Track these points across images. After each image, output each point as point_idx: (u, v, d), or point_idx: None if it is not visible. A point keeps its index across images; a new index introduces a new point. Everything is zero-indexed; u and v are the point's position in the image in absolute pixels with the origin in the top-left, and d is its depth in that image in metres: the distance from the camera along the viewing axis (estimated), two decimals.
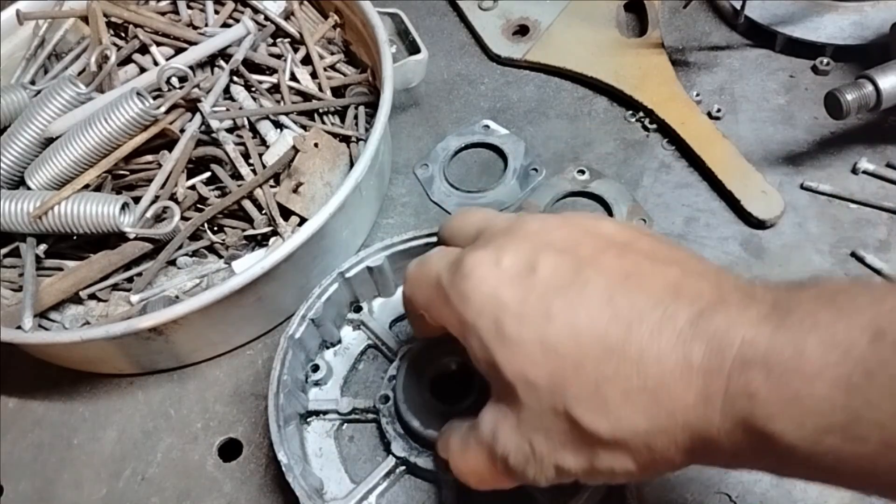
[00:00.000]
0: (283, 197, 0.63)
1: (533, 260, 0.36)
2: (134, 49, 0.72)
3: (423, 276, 0.41)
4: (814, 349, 0.28)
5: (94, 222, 0.61)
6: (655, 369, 0.32)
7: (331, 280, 0.57)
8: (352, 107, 0.72)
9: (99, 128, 0.62)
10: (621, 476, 0.35)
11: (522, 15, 0.85)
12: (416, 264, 0.43)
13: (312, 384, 0.58)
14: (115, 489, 0.58)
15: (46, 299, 0.62)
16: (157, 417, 0.62)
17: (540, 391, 0.34)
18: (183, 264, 0.65)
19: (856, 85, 0.62)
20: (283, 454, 0.50)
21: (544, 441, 0.35)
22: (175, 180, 0.64)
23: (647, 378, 0.32)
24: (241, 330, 0.63)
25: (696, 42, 0.81)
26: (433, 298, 0.40)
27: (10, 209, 0.62)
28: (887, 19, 0.71)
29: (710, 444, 0.31)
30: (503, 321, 0.35)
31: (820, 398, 0.28)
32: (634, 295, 0.33)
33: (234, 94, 0.70)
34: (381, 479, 0.52)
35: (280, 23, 0.74)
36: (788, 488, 0.52)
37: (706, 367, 0.31)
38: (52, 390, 0.64)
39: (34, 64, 0.77)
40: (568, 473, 0.36)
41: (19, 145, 0.66)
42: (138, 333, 0.55)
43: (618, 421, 0.32)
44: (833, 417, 0.28)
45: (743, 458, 0.32)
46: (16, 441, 0.62)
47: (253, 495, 0.56)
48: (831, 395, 0.28)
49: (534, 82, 0.80)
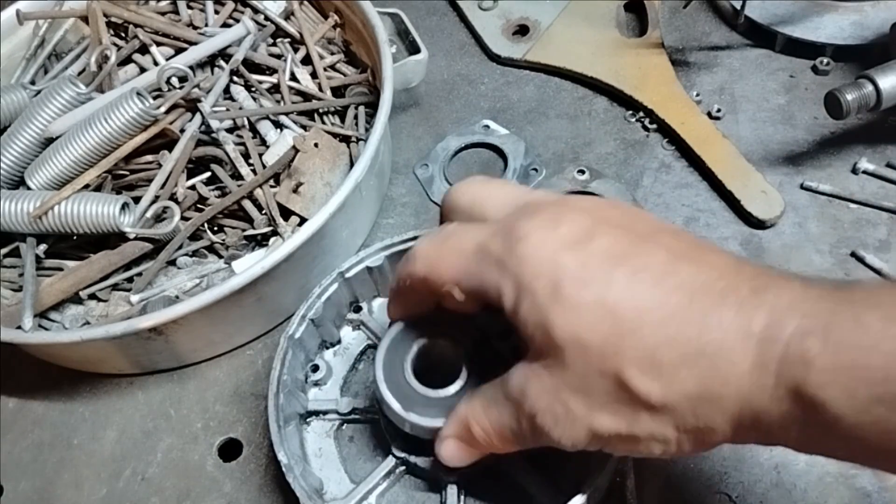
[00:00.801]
0: (283, 197, 0.63)
1: (591, 230, 0.36)
2: (134, 49, 0.72)
3: (454, 247, 0.40)
4: (873, 322, 0.29)
5: (94, 222, 0.61)
6: (716, 335, 0.32)
7: (331, 280, 0.57)
8: (352, 107, 0.72)
9: (99, 128, 0.62)
10: (656, 444, 0.34)
11: (522, 15, 0.85)
12: (438, 240, 0.42)
13: (312, 384, 0.58)
14: (115, 489, 0.58)
15: (46, 299, 0.62)
16: (157, 417, 0.62)
17: (590, 352, 0.34)
18: (183, 264, 0.65)
19: (856, 85, 0.62)
20: (283, 454, 0.50)
21: (582, 402, 0.35)
22: (175, 180, 0.64)
23: (706, 344, 0.32)
24: (241, 330, 0.63)
25: (696, 42, 0.81)
26: (472, 266, 0.39)
27: (10, 209, 0.62)
28: (887, 19, 0.71)
29: (757, 415, 0.32)
30: (562, 283, 0.34)
31: (875, 368, 0.28)
32: (697, 266, 0.34)
33: (234, 94, 0.70)
34: (381, 479, 0.52)
35: (280, 23, 0.74)
36: (788, 489, 0.52)
37: (766, 336, 0.31)
38: (52, 390, 0.64)
39: (34, 64, 0.77)
40: (600, 437, 0.35)
41: (19, 145, 0.66)
42: (138, 333, 0.55)
43: (670, 385, 0.32)
44: (885, 387, 0.28)
45: (786, 430, 0.32)
46: (16, 441, 0.62)
47: (253, 495, 0.56)
48: (887, 365, 0.28)
49: (534, 82, 0.80)
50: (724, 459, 0.53)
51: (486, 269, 0.38)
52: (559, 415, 0.35)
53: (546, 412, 0.36)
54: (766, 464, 0.53)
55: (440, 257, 0.41)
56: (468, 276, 0.39)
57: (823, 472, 0.52)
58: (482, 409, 0.41)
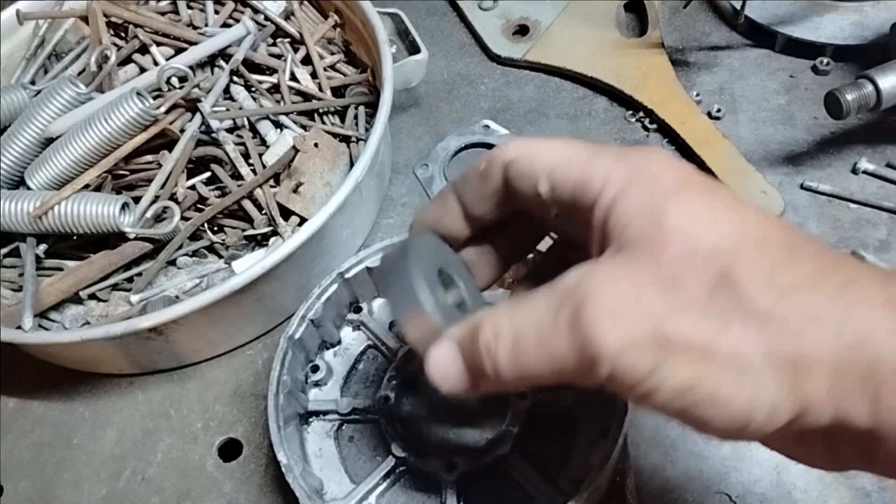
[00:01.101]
0: (283, 197, 0.63)
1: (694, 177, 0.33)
2: (134, 49, 0.72)
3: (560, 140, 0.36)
4: None
5: (94, 222, 0.61)
6: (847, 271, 0.29)
7: (330, 280, 0.57)
8: (352, 107, 0.72)
9: (99, 128, 0.62)
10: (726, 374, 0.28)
11: (522, 15, 0.85)
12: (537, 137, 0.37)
13: (312, 384, 0.58)
14: (115, 489, 0.58)
15: (46, 299, 0.62)
16: (157, 417, 0.62)
17: (701, 246, 0.29)
18: (183, 264, 0.65)
19: (856, 85, 0.62)
20: (283, 454, 0.50)
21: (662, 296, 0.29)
22: (175, 180, 0.64)
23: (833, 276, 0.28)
24: (241, 330, 0.63)
25: (696, 42, 0.81)
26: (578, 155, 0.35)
27: (10, 209, 0.62)
28: (887, 19, 0.71)
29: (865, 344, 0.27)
30: (691, 182, 0.32)
31: None
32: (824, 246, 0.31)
33: (234, 94, 0.70)
34: (381, 479, 0.52)
35: (280, 23, 0.74)
36: (788, 489, 0.52)
37: None
38: (52, 390, 0.64)
39: (34, 64, 0.77)
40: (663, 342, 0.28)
41: (19, 145, 0.66)
42: (138, 333, 0.55)
43: (781, 297, 0.28)
44: None
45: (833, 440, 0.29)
46: (16, 441, 0.62)
47: (253, 495, 0.56)
48: None
49: (534, 82, 0.80)
50: (724, 459, 0.53)
51: (595, 160, 0.34)
52: (620, 303, 0.29)
53: (603, 297, 0.29)
54: (766, 463, 0.53)
55: (541, 143, 0.36)
56: (569, 163, 0.34)
57: (823, 472, 0.52)
58: (506, 311, 0.32)
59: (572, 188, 0.34)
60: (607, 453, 0.47)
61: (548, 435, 0.53)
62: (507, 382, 0.32)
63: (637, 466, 0.53)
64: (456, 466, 0.50)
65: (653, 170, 0.32)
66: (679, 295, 0.29)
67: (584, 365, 0.29)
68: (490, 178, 0.38)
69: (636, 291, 0.29)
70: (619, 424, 0.48)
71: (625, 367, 0.29)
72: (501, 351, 0.32)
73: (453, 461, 0.51)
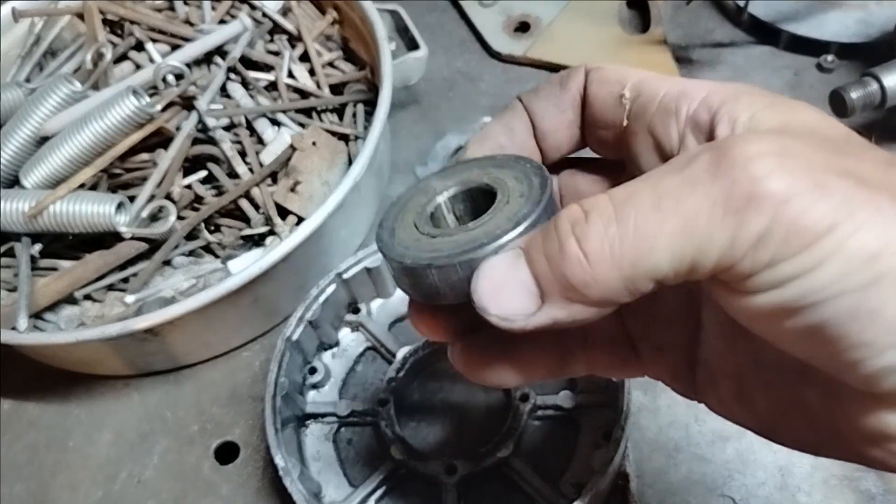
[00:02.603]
0: (280, 196, 0.62)
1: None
2: (130, 46, 0.71)
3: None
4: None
5: (90, 222, 0.60)
6: None
7: (329, 281, 0.57)
8: (350, 104, 0.71)
9: (94, 126, 0.62)
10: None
11: (523, 11, 0.84)
12: None
13: (310, 387, 0.57)
14: (110, 492, 0.58)
15: (41, 300, 0.61)
16: (152, 420, 0.61)
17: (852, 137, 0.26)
18: (179, 264, 0.64)
19: (860, 83, 0.61)
20: (281, 457, 0.49)
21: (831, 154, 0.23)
22: (171, 179, 0.64)
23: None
24: (238, 331, 0.63)
25: (699, 39, 0.80)
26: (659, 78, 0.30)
27: (4, 209, 0.61)
28: (892, 17, 0.70)
29: None
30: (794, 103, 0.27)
31: None
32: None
33: (230, 92, 0.69)
34: (380, 482, 0.51)
35: (278, 19, 0.74)
36: (793, 492, 0.51)
37: None
38: (48, 392, 0.64)
39: (30, 62, 0.77)
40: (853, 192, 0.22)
41: (14, 144, 0.66)
42: (134, 334, 0.55)
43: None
44: None
45: None
46: (11, 443, 0.62)
47: (250, 499, 0.56)
48: None
49: (535, 79, 0.79)
50: (727, 462, 0.53)
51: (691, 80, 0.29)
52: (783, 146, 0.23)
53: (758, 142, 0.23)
54: (770, 466, 0.52)
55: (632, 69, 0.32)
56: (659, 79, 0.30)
57: (828, 475, 0.51)
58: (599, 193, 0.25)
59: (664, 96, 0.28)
60: (610, 456, 0.47)
61: (549, 438, 0.53)
62: (598, 281, 0.23)
63: (640, 470, 0.53)
64: (456, 469, 0.50)
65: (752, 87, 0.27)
66: (852, 159, 0.23)
67: (732, 219, 0.21)
68: (571, 83, 0.32)
69: (798, 147, 0.23)
70: (621, 427, 0.48)
71: (796, 211, 0.21)
72: (597, 227, 0.23)
73: (453, 464, 0.50)
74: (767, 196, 0.21)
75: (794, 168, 0.22)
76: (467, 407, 0.57)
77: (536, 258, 0.25)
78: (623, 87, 0.30)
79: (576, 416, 0.53)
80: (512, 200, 0.29)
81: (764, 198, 0.21)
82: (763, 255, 0.21)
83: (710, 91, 0.27)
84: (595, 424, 0.52)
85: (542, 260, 0.24)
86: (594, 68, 0.32)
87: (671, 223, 0.22)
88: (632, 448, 0.53)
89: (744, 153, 0.22)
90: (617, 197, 0.23)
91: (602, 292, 0.23)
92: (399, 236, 0.30)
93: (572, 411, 0.53)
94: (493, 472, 0.51)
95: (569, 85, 0.33)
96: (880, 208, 0.21)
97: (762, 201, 0.21)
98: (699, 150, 0.23)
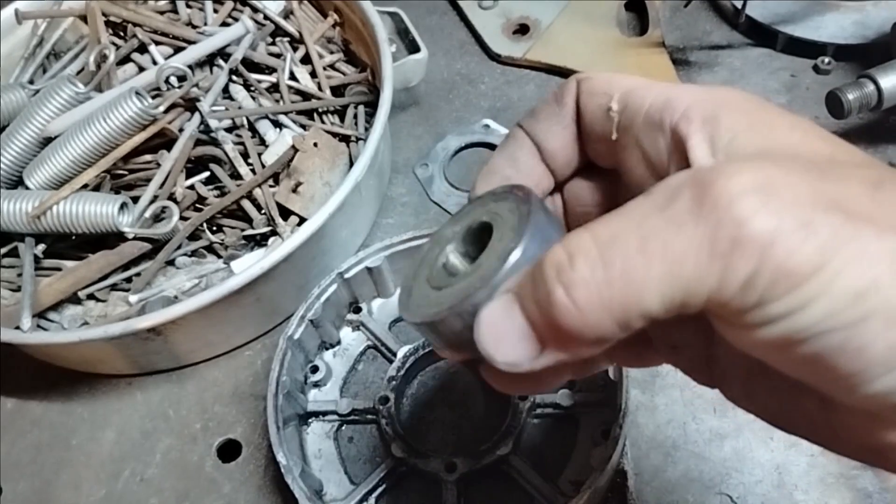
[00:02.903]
0: (282, 197, 0.63)
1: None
2: (133, 48, 0.72)
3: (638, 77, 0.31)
4: None
5: (93, 222, 0.61)
6: None
7: (330, 280, 0.57)
8: (351, 106, 0.72)
9: (97, 127, 0.62)
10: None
11: (523, 14, 0.85)
12: None
13: (312, 385, 0.58)
14: (113, 490, 0.58)
15: (45, 299, 0.61)
16: (155, 418, 0.61)
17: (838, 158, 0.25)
18: (182, 264, 0.65)
19: (857, 84, 0.62)
20: (283, 455, 0.50)
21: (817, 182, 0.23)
22: (174, 180, 0.64)
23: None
24: (240, 330, 0.63)
25: (696, 41, 0.80)
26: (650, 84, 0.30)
27: (8, 209, 0.61)
28: (889, 18, 0.70)
29: None
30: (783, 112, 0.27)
31: None
32: None
33: (233, 94, 0.70)
34: (381, 480, 0.52)
35: (279, 22, 0.74)
36: (790, 490, 0.51)
37: None
38: (51, 391, 0.64)
39: (33, 63, 0.77)
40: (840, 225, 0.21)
41: (18, 145, 0.66)
42: (137, 334, 0.55)
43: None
44: None
45: None
46: (14, 441, 0.62)
47: (252, 496, 0.56)
48: None
49: (534, 81, 0.80)
50: (725, 460, 0.53)
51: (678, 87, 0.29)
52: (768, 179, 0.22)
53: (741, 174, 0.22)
54: (767, 464, 0.53)
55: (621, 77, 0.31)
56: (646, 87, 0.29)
57: (825, 473, 0.52)
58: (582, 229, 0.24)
59: (649, 108, 0.28)
60: (608, 454, 0.47)
61: (548, 436, 0.53)
62: (590, 326, 0.23)
63: (638, 467, 0.53)
64: (456, 467, 0.50)
65: (743, 95, 0.27)
66: (839, 187, 0.22)
67: (718, 255, 0.21)
68: (566, 97, 0.32)
69: (783, 177, 0.22)
70: (619, 425, 0.48)
71: (783, 254, 0.21)
72: (582, 272, 0.23)
73: (453, 462, 0.50)
74: (752, 239, 0.21)
75: (778, 206, 0.21)
76: (467, 405, 0.57)
77: (528, 306, 0.25)
78: (611, 98, 0.30)
79: (574, 415, 0.54)
80: (504, 235, 0.28)
81: (749, 241, 0.21)
82: (751, 297, 0.22)
83: (690, 104, 0.27)
84: (594, 422, 0.53)
85: (534, 308, 0.24)
86: (584, 78, 0.32)
87: (658, 267, 0.22)
88: (630, 446, 0.54)
89: (727, 191, 0.22)
90: (601, 237, 0.23)
91: (597, 334, 0.23)
92: (415, 295, 0.30)
93: (571, 409, 0.53)
94: (492, 470, 0.51)
95: (564, 100, 0.32)
96: (866, 245, 0.21)
97: (748, 245, 0.21)
98: (681, 182, 0.23)
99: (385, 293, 0.62)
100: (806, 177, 0.22)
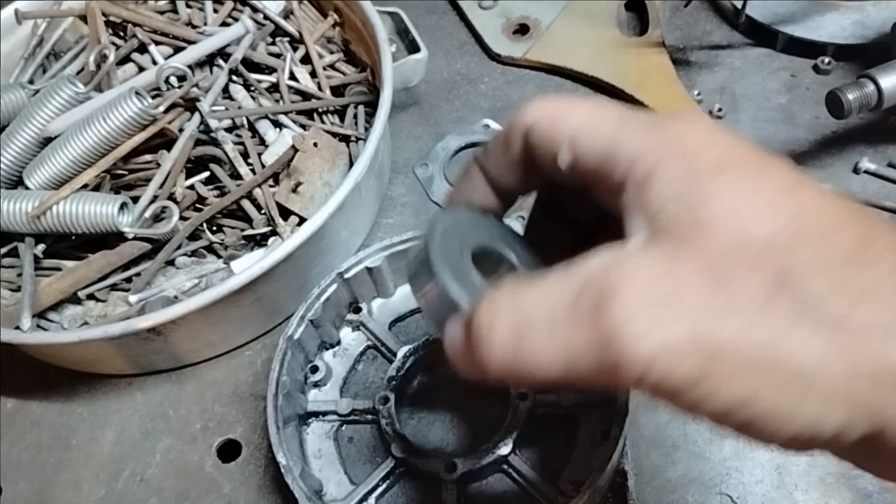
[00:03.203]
0: (282, 197, 0.63)
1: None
2: (133, 48, 0.72)
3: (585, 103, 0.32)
4: None
5: (93, 222, 0.61)
6: None
7: (330, 280, 0.57)
8: (351, 106, 0.72)
9: (97, 127, 0.62)
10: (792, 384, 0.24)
11: (523, 14, 0.85)
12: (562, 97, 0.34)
13: (312, 385, 0.58)
14: (113, 490, 0.58)
15: (45, 299, 0.61)
16: (155, 418, 0.61)
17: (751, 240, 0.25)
18: (182, 264, 0.65)
19: (857, 84, 0.62)
20: (283, 455, 0.50)
21: (707, 294, 0.24)
22: (174, 180, 0.64)
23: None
24: (240, 330, 0.63)
25: (696, 41, 0.81)
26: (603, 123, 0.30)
27: (8, 209, 0.61)
28: (889, 18, 0.70)
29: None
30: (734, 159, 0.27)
31: None
32: None
33: (233, 94, 0.70)
34: (381, 480, 0.52)
35: (279, 22, 0.74)
36: (790, 490, 0.51)
37: None
38: (51, 391, 0.64)
39: (33, 63, 0.77)
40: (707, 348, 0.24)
41: (17, 145, 0.66)
42: (137, 334, 0.55)
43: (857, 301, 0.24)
44: None
45: None
46: (14, 442, 0.62)
47: (252, 496, 0.56)
48: None
49: (534, 81, 0.80)
50: (725, 460, 0.53)
51: (624, 129, 0.29)
52: (657, 299, 0.24)
53: (635, 289, 0.25)
54: (767, 464, 0.53)
55: (565, 108, 0.32)
56: (593, 131, 0.30)
57: (825, 473, 0.52)
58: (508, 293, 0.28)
59: (596, 160, 0.30)
60: (608, 454, 0.47)
61: (548, 436, 0.53)
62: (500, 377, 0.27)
63: (638, 467, 0.53)
64: (456, 467, 0.50)
65: (690, 144, 0.27)
66: (730, 295, 0.24)
67: (605, 366, 0.25)
68: (512, 147, 0.34)
69: (676, 287, 0.24)
70: (619, 425, 0.48)
71: (660, 374, 0.24)
72: (496, 340, 0.27)
73: (453, 462, 0.50)
74: (635, 361, 0.24)
75: (664, 328, 0.24)
76: (467, 405, 0.57)
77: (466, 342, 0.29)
78: (558, 147, 0.31)
79: (574, 415, 0.54)
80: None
81: (632, 363, 0.24)
82: (642, 391, 0.25)
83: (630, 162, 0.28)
84: (594, 422, 0.53)
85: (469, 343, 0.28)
86: (531, 125, 0.33)
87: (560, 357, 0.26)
88: (630, 446, 0.54)
89: (621, 308, 0.24)
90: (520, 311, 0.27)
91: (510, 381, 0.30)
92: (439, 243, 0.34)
93: (571, 409, 0.53)
94: (492, 470, 0.51)
95: (510, 149, 0.34)
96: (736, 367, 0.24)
97: (631, 365, 0.24)
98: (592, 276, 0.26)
99: (385, 293, 0.62)
100: (705, 279, 0.25)
